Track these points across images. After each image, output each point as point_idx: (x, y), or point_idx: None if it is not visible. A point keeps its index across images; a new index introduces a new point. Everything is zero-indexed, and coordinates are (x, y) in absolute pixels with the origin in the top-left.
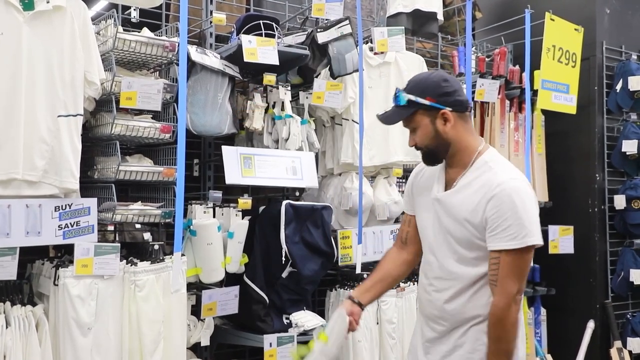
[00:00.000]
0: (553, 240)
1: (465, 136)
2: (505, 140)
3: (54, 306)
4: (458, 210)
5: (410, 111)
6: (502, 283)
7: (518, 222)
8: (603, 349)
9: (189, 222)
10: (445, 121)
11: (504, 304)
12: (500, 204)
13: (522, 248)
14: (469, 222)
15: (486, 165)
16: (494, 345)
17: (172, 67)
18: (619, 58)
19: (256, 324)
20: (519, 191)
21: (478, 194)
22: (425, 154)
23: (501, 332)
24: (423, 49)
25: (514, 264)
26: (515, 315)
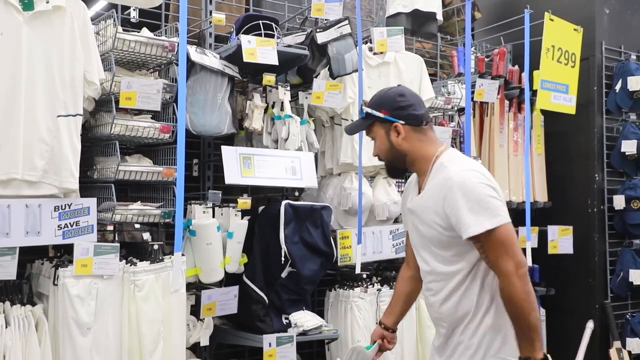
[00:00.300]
0: (552, 240)
1: (419, 146)
2: (505, 141)
3: (54, 306)
4: (425, 214)
5: (367, 123)
6: (496, 265)
7: (471, 210)
8: (602, 349)
9: (188, 222)
10: (397, 133)
11: (507, 282)
12: (452, 197)
13: (491, 229)
14: (436, 222)
15: (442, 166)
16: (516, 323)
17: (172, 67)
18: (618, 58)
19: (255, 324)
20: (465, 180)
21: (436, 194)
22: (385, 165)
23: (515, 308)
24: (422, 49)
25: (495, 244)
26: (522, 289)
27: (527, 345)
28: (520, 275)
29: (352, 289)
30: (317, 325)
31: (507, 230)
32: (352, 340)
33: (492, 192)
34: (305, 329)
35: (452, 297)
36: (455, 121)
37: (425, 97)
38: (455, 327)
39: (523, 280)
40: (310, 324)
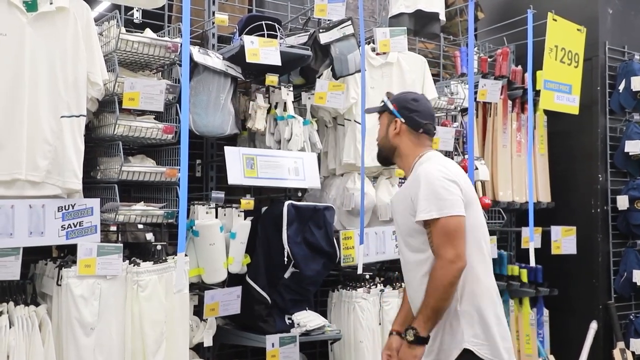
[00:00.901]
0: (556, 240)
1: (409, 146)
2: (508, 141)
3: (57, 306)
4: (400, 203)
5: (380, 108)
6: (437, 250)
7: (426, 197)
8: (606, 350)
9: (191, 222)
10: (395, 128)
11: (439, 266)
12: (416, 186)
13: (438, 219)
14: (406, 210)
15: (420, 164)
16: (426, 299)
17: (175, 68)
18: (622, 58)
19: (258, 325)
20: (429, 173)
21: (409, 186)
22: (378, 151)
23: (433, 289)
24: (425, 50)
25: (439, 232)
26: (450, 278)
27: (421, 320)
28: (456, 266)
29: (355, 289)
30: (320, 325)
31: (454, 223)
32: (354, 340)
33: (450, 187)
34: (308, 329)
35: (423, 284)
36: (458, 121)
37: (428, 97)
38: None
39: (455, 271)
40: (313, 324)
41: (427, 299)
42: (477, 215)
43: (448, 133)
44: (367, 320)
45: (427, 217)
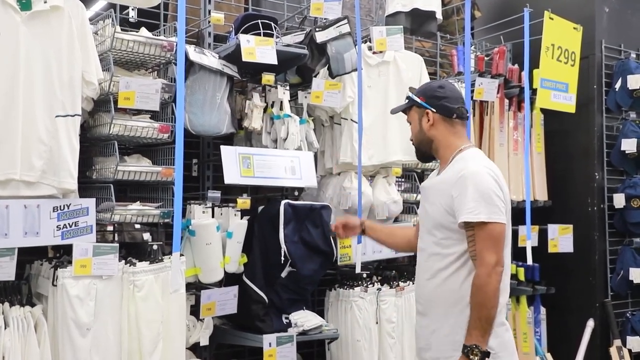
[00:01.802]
0: (552, 239)
1: (447, 136)
2: (505, 139)
3: (53, 307)
4: (434, 194)
5: (407, 105)
6: (480, 255)
7: (475, 199)
8: (603, 348)
9: (187, 222)
10: (428, 120)
11: (484, 273)
12: (462, 183)
13: (486, 223)
14: (441, 203)
15: (462, 159)
16: (476, 312)
17: (171, 67)
18: (618, 57)
19: (255, 324)
20: (479, 173)
21: (449, 179)
22: (415, 148)
23: (483, 298)
24: (422, 48)
25: (485, 236)
26: (495, 285)
27: (479, 334)
28: (498, 272)
29: (352, 288)
30: (317, 325)
31: (499, 230)
32: (352, 339)
33: (499, 192)
34: (306, 328)
35: (436, 278)
36: None
37: None
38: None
39: (499, 276)
40: (311, 323)
41: (480, 312)
42: (509, 224)
43: None
44: (365, 319)
45: (474, 219)
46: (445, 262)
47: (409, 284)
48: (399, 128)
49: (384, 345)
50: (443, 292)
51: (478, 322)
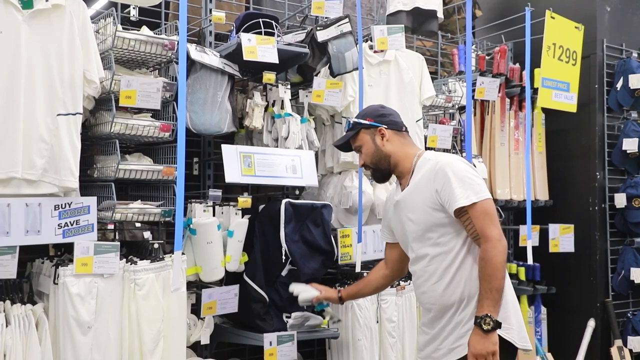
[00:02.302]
0: (553, 238)
1: (402, 148)
2: (506, 139)
3: (54, 305)
4: (415, 200)
5: (354, 132)
6: (482, 233)
7: (460, 184)
8: (603, 348)
9: (188, 220)
10: (382, 137)
11: (490, 246)
12: (442, 176)
13: (476, 202)
14: (427, 205)
15: (426, 160)
16: (486, 283)
17: (172, 66)
18: (620, 56)
19: (256, 323)
20: (453, 162)
21: (423, 180)
22: (372, 172)
23: (492, 270)
24: (423, 47)
25: (481, 214)
26: (502, 256)
27: (490, 305)
28: (503, 243)
29: None
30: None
31: (490, 204)
32: (352, 338)
33: (475, 173)
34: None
35: (444, 278)
36: (456, 119)
37: (426, 95)
38: (447, 310)
39: (505, 248)
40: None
41: (490, 283)
42: None
43: (446, 131)
44: (365, 318)
45: (467, 202)
46: (449, 259)
47: (409, 283)
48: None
49: (384, 345)
50: (457, 287)
51: (489, 293)
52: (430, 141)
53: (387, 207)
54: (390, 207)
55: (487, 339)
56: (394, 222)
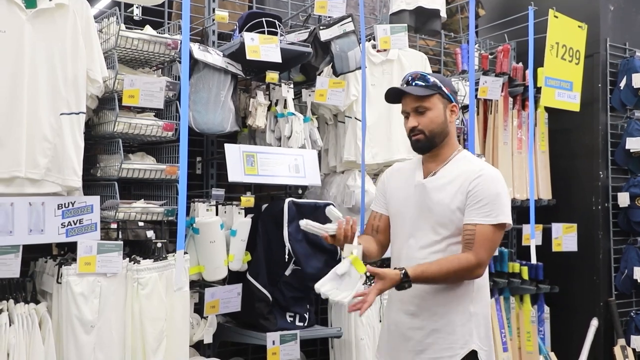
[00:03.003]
0: (556, 238)
1: (454, 133)
2: (509, 138)
3: (57, 304)
4: (443, 193)
5: (432, 92)
6: (476, 248)
7: (495, 202)
8: (607, 347)
9: (191, 220)
10: (452, 113)
11: (473, 262)
12: (482, 185)
13: (496, 225)
14: (453, 202)
15: (465, 159)
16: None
17: (175, 65)
18: (623, 55)
19: (259, 322)
20: (497, 177)
21: (460, 178)
22: (422, 140)
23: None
24: (426, 47)
25: (487, 237)
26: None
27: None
28: (480, 272)
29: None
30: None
31: (502, 232)
32: (355, 337)
33: (509, 197)
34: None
35: None
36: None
37: None
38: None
39: (476, 276)
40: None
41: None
42: None
43: None
44: (368, 317)
45: (494, 221)
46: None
47: None
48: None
49: None
50: (445, 289)
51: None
52: None
53: (390, 178)
54: (399, 182)
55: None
56: (402, 199)
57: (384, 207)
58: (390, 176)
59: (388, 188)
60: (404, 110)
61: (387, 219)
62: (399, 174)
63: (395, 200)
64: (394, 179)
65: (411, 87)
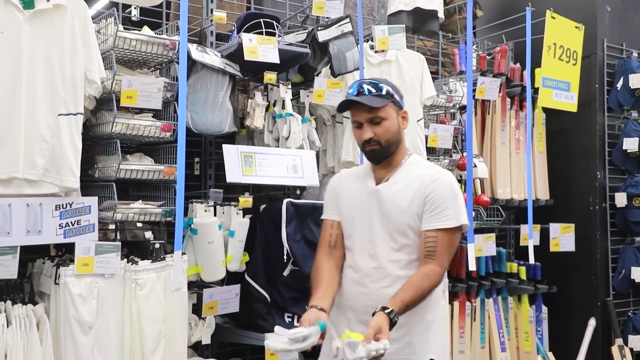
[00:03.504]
0: (554, 238)
1: (404, 139)
2: (506, 139)
3: (55, 305)
4: (397, 197)
5: (386, 101)
6: (439, 256)
7: (454, 204)
8: (604, 347)
9: (189, 220)
10: (403, 120)
11: (438, 272)
12: (439, 189)
13: (456, 227)
14: (411, 209)
15: (417, 164)
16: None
17: (173, 66)
18: (620, 56)
19: (258, 323)
20: (453, 180)
21: (415, 183)
22: (379, 150)
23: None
24: (424, 47)
25: (449, 242)
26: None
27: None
28: (443, 277)
29: None
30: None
31: (460, 233)
32: None
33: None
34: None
35: (395, 284)
36: (457, 119)
37: (427, 95)
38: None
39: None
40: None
41: (419, 296)
42: None
43: (447, 131)
44: None
45: (455, 224)
46: (405, 269)
47: None
48: None
49: None
50: None
51: (411, 303)
52: (431, 141)
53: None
54: (351, 188)
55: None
56: (356, 207)
57: (337, 214)
58: (341, 182)
59: (340, 194)
60: (356, 120)
61: (340, 227)
62: (349, 180)
63: (348, 207)
64: (346, 185)
65: (365, 97)
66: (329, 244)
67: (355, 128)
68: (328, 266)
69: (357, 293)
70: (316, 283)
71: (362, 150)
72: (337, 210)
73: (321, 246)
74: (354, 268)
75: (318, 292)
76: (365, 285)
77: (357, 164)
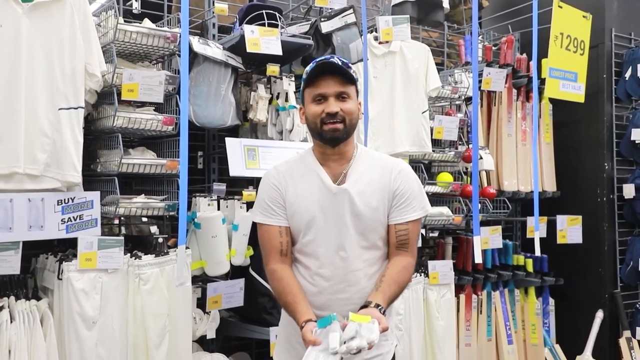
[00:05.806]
0: (561, 230)
1: None
2: (513, 130)
3: (59, 300)
4: (365, 195)
5: (355, 81)
6: (411, 247)
7: (420, 194)
8: (612, 339)
9: (193, 214)
10: (358, 110)
11: (412, 262)
12: (406, 181)
13: (423, 215)
14: (380, 203)
15: (369, 155)
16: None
17: (174, 59)
18: (628, 45)
19: (262, 317)
20: (409, 168)
21: (378, 177)
22: (342, 129)
23: (406, 282)
24: (429, 38)
25: (417, 231)
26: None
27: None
28: None
29: None
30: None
31: None
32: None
33: None
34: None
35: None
36: (463, 111)
37: (432, 86)
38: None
39: None
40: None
41: (398, 290)
42: None
43: (452, 122)
44: None
45: (423, 214)
46: (376, 266)
47: (416, 275)
48: (406, 119)
49: None
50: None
51: (394, 297)
52: (437, 133)
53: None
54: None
55: None
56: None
57: (284, 218)
58: (285, 181)
59: (288, 195)
60: (321, 93)
61: (288, 232)
62: (294, 177)
63: (305, 211)
64: (293, 184)
65: (343, 69)
66: (281, 253)
67: (316, 103)
68: (290, 274)
69: (336, 300)
70: (292, 296)
71: (318, 130)
72: (285, 214)
73: (271, 255)
74: (324, 277)
75: (301, 305)
76: (343, 290)
77: None
